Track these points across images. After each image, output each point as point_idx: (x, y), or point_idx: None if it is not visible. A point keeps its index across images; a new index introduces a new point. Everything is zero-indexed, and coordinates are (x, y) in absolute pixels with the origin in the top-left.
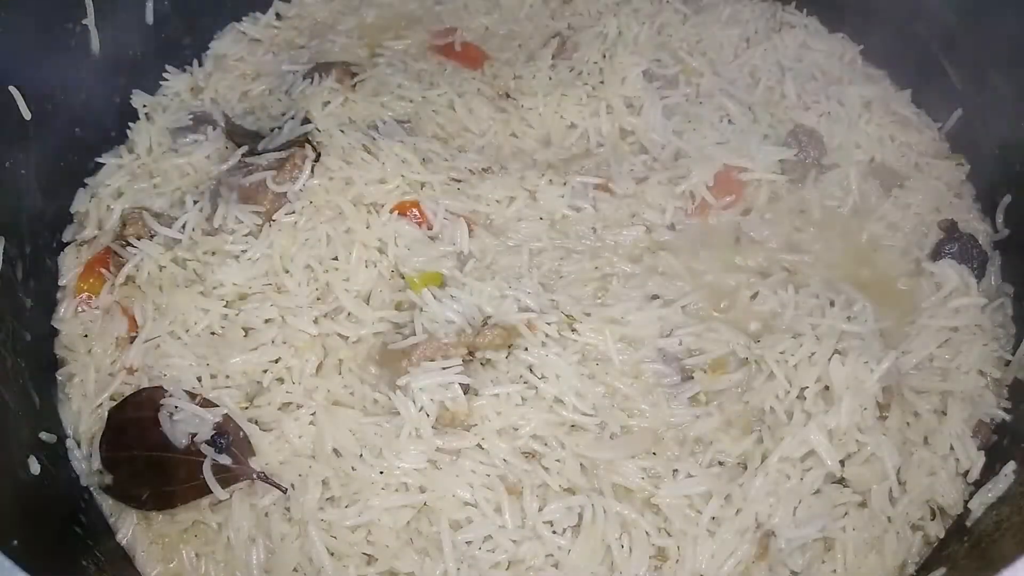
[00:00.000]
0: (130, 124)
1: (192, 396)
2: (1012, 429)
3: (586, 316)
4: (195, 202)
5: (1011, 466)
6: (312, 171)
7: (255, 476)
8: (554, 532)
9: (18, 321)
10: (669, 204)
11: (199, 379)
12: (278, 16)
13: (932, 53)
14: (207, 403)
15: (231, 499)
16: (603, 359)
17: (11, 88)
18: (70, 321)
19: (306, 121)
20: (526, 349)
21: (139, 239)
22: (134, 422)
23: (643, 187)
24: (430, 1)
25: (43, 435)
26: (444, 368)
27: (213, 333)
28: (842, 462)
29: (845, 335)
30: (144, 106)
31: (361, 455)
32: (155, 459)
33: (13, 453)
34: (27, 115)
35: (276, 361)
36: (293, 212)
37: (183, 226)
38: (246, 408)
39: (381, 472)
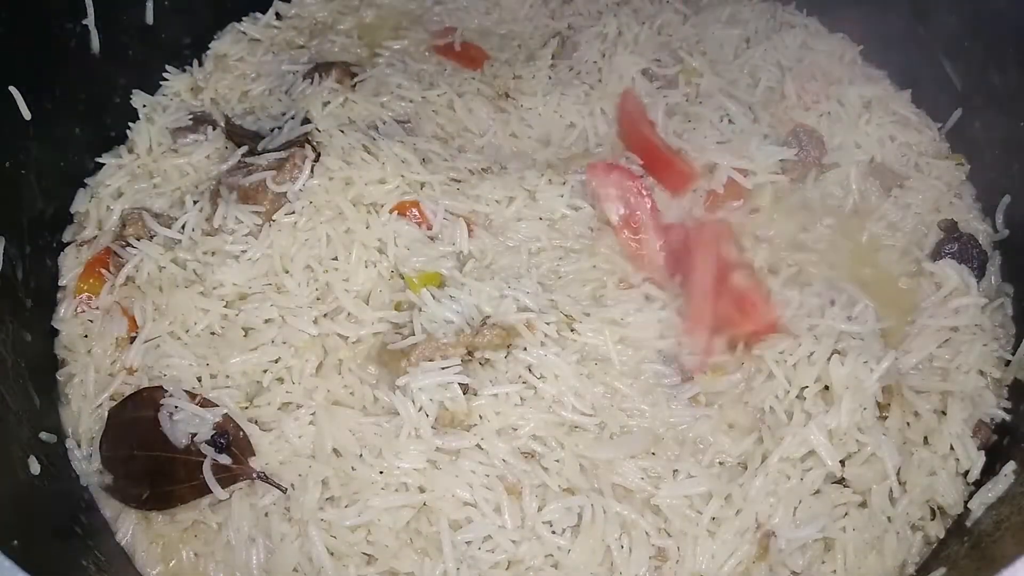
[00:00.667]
0: (130, 124)
1: (192, 396)
2: (1012, 429)
3: (585, 316)
4: (195, 202)
5: (1011, 466)
6: (312, 171)
7: (255, 476)
8: (554, 532)
9: (18, 321)
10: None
11: (199, 379)
12: (278, 16)
13: (932, 53)
14: (207, 403)
15: (231, 499)
16: (602, 359)
17: (11, 88)
18: (70, 321)
19: (306, 121)
20: (525, 349)
21: (139, 239)
22: (134, 422)
23: None
24: (430, 1)
25: (43, 435)
26: (443, 368)
27: (213, 333)
28: (842, 462)
29: (845, 335)
30: (144, 106)
31: (361, 455)
32: (155, 459)
33: (13, 453)
34: (27, 115)
35: (276, 361)
36: (293, 212)
37: (183, 226)
38: (246, 408)
39: (381, 472)
